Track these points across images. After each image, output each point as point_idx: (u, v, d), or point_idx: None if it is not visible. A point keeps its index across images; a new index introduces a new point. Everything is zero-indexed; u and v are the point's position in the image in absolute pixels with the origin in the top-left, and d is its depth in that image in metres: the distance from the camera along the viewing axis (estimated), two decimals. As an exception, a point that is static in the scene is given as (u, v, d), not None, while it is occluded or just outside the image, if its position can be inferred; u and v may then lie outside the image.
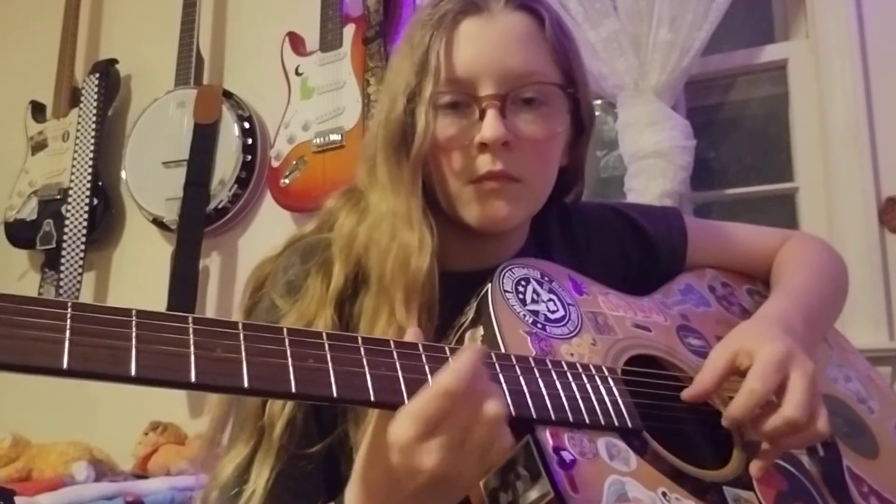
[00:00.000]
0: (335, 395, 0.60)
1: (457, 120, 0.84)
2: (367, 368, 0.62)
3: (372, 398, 0.61)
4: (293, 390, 0.58)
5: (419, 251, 0.81)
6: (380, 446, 0.62)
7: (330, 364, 0.61)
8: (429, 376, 0.63)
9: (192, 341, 0.56)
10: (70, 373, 0.51)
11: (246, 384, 0.56)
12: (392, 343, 0.65)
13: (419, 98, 0.83)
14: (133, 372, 0.53)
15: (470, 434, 0.60)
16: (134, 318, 0.55)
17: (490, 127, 0.81)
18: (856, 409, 0.95)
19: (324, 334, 0.63)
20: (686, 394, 0.79)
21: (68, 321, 0.52)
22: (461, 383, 0.59)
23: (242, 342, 0.58)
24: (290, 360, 0.59)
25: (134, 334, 0.54)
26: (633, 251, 1.02)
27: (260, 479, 0.76)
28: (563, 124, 0.88)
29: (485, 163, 0.83)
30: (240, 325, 0.59)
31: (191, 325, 0.57)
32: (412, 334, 0.69)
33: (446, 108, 0.84)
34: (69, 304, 0.53)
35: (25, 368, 0.50)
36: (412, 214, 0.83)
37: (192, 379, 0.54)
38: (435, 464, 0.59)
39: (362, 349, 0.63)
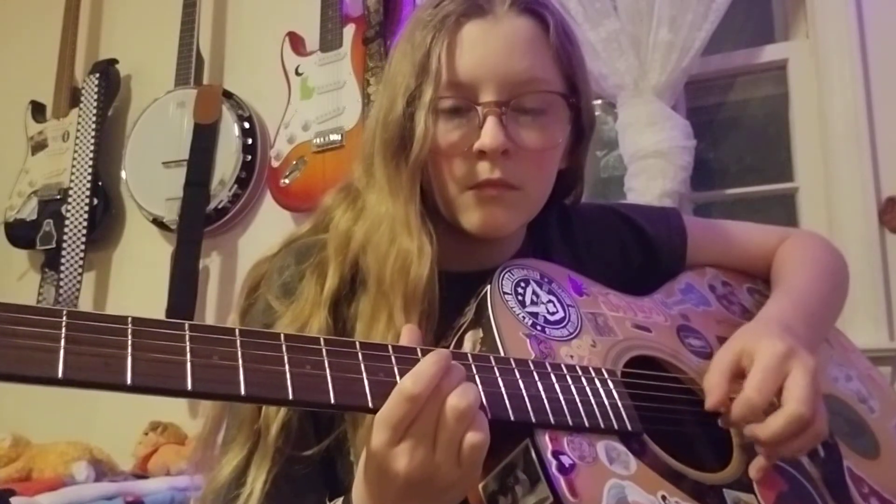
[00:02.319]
0: (333, 401, 0.60)
1: (456, 125, 0.83)
2: (364, 374, 0.62)
3: (370, 404, 0.61)
4: (290, 397, 0.58)
5: (419, 259, 0.81)
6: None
7: (327, 370, 0.61)
8: None
9: (188, 348, 0.56)
10: (65, 382, 0.51)
11: (243, 391, 0.56)
12: (390, 348, 0.65)
13: (419, 102, 0.82)
14: (129, 381, 0.52)
15: (438, 432, 0.61)
16: (129, 325, 0.55)
17: (489, 135, 0.80)
18: (856, 409, 0.95)
19: (321, 340, 0.63)
20: (709, 404, 0.78)
21: (63, 329, 0.52)
22: (422, 386, 0.60)
23: (239, 349, 0.58)
24: (287, 366, 0.59)
25: (129, 342, 0.54)
26: (633, 252, 1.01)
27: (257, 481, 0.76)
28: (563, 133, 0.87)
29: (483, 170, 0.82)
30: (236, 332, 0.59)
31: (187, 332, 0.57)
32: (407, 332, 0.69)
33: (446, 113, 0.83)
34: (64, 312, 0.53)
35: (20, 378, 0.50)
36: (411, 221, 0.83)
37: (189, 387, 0.54)
38: (407, 466, 0.61)
39: (360, 354, 0.63)
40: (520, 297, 0.80)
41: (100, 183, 2.66)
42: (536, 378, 0.70)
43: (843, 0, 1.99)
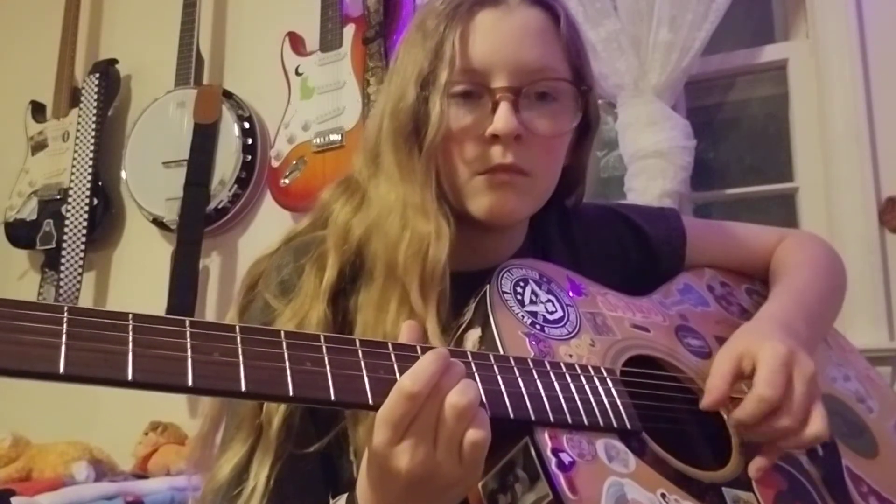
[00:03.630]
0: (333, 398, 0.60)
1: (469, 110, 0.84)
2: (364, 371, 0.62)
3: (370, 401, 0.61)
4: (291, 394, 0.58)
5: (437, 241, 0.81)
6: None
7: (328, 367, 0.61)
8: None
9: (189, 345, 0.56)
10: (66, 378, 0.51)
11: (243, 388, 0.56)
12: (390, 345, 0.65)
13: (433, 86, 0.83)
14: (130, 376, 0.53)
15: (438, 430, 0.61)
16: (131, 321, 0.55)
17: (502, 119, 0.81)
18: (855, 409, 0.95)
19: (321, 337, 0.63)
20: (704, 403, 0.79)
21: (65, 325, 0.52)
22: (421, 384, 0.60)
23: (240, 345, 0.58)
24: (287, 363, 0.59)
25: (131, 338, 0.54)
26: (632, 252, 1.02)
27: (259, 478, 0.76)
28: (573, 121, 0.88)
29: (496, 155, 0.83)
30: (237, 329, 0.59)
31: (188, 328, 0.57)
32: (407, 329, 0.69)
33: (459, 98, 0.84)
34: (65, 309, 0.53)
35: (22, 373, 0.50)
36: (427, 205, 0.83)
37: (190, 383, 0.54)
38: (409, 465, 0.61)
39: (360, 352, 0.63)
40: (519, 297, 0.80)
41: (100, 183, 2.66)
42: (536, 376, 0.71)
43: (843, 0, 1.99)
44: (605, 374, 0.76)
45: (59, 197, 2.68)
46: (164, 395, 0.56)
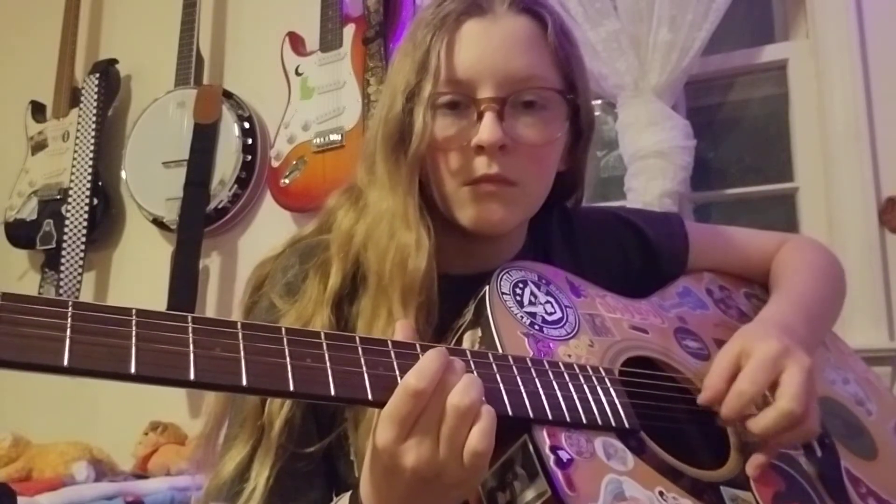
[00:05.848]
0: (333, 394, 0.60)
1: (455, 121, 0.84)
2: (364, 368, 0.63)
3: (370, 397, 0.62)
4: (291, 389, 0.58)
5: (416, 251, 0.81)
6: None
7: (328, 363, 0.61)
8: None
9: (191, 340, 0.56)
10: (70, 370, 0.51)
11: (245, 383, 0.57)
12: (390, 343, 0.66)
13: (418, 98, 0.83)
14: (132, 370, 0.53)
15: (441, 429, 0.61)
16: (134, 316, 0.55)
17: (487, 130, 0.81)
18: (854, 412, 0.95)
19: (322, 334, 0.63)
20: (701, 399, 0.79)
21: (69, 319, 0.53)
22: (426, 382, 0.60)
23: (241, 341, 0.59)
24: (288, 359, 0.60)
25: (134, 333, 0.54)
26: (634, 256, 1.02)
27: (260, 477, 0.77)
28: (561, 130, 0.87)
29: (481, 165, 0.83)
30: (239, 325, 0.60)
31: (190, 324, 0.57)
32: (400, 328, 0.69)
33: (445, 109, 0.84)
34: (70, 303, 0.53)
35: (26, 366, 0.50)
36: (409, 214, 0.83)
37: (192, 377, 0.55)
38: (414, 463, 0.61)
39: (360, 349, 0.64)
40: (518, 298, 0.80)
41: (100, 183, 2.66)
42: (534, 375, 0.71)
43: (843, 0, 1.99)
44: (603, 374, 0.76)
45: (59, 197, 2.68)
46: (164, 394, 0.56)
